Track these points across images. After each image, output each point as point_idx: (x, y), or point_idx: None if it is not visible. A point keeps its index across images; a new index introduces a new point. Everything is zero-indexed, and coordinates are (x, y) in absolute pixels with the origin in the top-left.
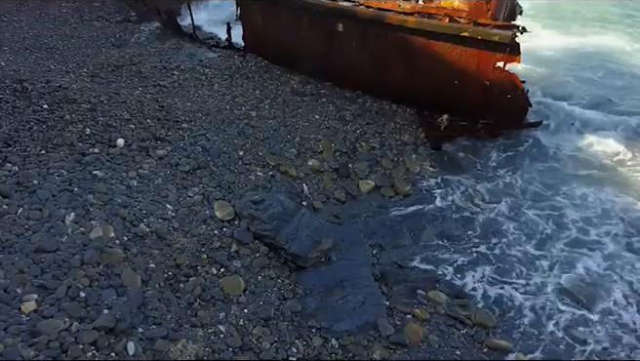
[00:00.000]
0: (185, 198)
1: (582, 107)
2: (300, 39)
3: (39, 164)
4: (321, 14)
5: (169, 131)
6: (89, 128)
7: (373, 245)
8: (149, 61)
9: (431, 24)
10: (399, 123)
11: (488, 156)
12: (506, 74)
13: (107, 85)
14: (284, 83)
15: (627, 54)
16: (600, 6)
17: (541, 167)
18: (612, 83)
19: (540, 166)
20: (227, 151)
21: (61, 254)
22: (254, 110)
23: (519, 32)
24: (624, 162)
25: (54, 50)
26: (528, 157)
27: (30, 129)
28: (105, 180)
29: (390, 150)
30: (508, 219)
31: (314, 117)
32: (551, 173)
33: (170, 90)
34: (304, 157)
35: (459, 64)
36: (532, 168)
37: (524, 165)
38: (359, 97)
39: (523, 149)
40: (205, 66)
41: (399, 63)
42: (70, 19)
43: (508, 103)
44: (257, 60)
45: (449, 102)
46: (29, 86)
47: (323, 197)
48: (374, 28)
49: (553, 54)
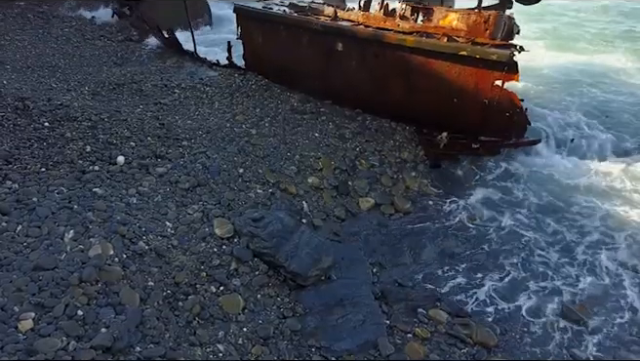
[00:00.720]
0: (185, 216)
1: (582, 125)
2: (299, 58)
3: (39, 181)
4: (320, 33)
5: (169, 148)
6: (89, 145)
7: (373, 263)
8: (150, 80)
9: (430, 43)
10: (398, 141)
11: (487, 173)
12: (505, 92)
13: (108, 103)
14: (284, 101)
15: (628, 73)
16: (601, 25)
17: (541, 184)
18: (611, 101)
19: (539, 183)
20: (227, 169)
21: (60, 271)
22: (254, 128)
23: (517, 51)
24: (623, 180)
25: (56, 68)
26: (527, 174)
27: (31, 146)
28: (105, 198)
29: (390, 168)
30: (508, 236)
31: (314, 135)
32: (551, 190)
33: (170, 108)
34: (304, 174)
35: (457, 83)
36: (531, 185)
37: (523, 182)
38: (358, 115)
39: (522, 167)
40: (205, 85)
41: (398, 82)
42: (73, 38)
43: (507, 121)
44: (257, 79)
45: (448, 120)
46: (31, 104)
47: (323, 215)
48: (373, 47)
49: (553, 72)
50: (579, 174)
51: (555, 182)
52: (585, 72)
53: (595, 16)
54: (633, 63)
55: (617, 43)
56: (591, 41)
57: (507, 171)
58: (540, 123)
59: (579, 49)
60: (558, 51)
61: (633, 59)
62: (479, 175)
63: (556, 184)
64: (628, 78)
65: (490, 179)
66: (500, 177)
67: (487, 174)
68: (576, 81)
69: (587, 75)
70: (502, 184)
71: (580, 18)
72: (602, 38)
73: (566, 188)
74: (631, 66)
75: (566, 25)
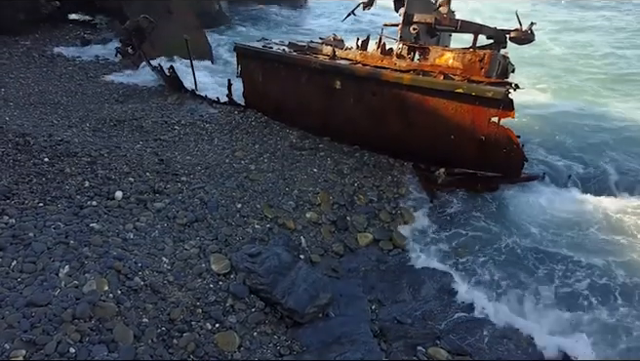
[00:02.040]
0: (182, 251)
1: (580, 162)
2: (298, 95)
3: (36, 216)
4: (319, 71)
5: (167, 184)
6: (88, 181)
7: (372, 300)
8: (151, 116)
9: (427, 81)
10: (396, 176)
11: (485, 209)
12: (501, 129)
13: (109, 139)
14: (283, 138)
15: (625, 114)
16: (599, 69)
17: (539, 220)
18: (608, 140)
19: (537, 219)
20: (225, 204)
21: (53, 308)
22: (253, 164)
23: (512, 89)
24: (622, 217)
25: (58, 105)
26: (525, 210)
27: (30, 182)
28: (102, 233)
29: (388, 203)
30: (507, 273)
31: (312, 170)
32: (549, 226)
33: (170, 144)
34: (302, 210)
35: (454, 120)
36: (529, 221)
37: (521, 218)
38: (357, 151)
39: (520, 202)
40: (205, 121)
41: (396, 119)
42: (76, 75)
43: (505, 157)
44: (256, 116)
45: (445, 156)
46: (31, 140)
47: (321, 250)
48: (370, 85)
49: (552, 113)
50: (576, 209)
51: (553, 218)
52: (584, 113)
53: (594, 60)
54: (630, 105)
55: (615, 86)
56: (590, 84)
57: (505, 207)
58: (537, 160)
59: (578, 92)
60: (558, 93)
61: (629, 100)
62: (477, 210)
63: (555, 220)
64: (625, 119)
65: (488, 214)
66: (499, 213)
67: (485, 209)
68: (574, 121)
69: (586, 116)
70: (500, 220)
71: (580, 63)
72: (600, 82)
73: (563, 224)
74: (629, 108)
75: (566, 70)
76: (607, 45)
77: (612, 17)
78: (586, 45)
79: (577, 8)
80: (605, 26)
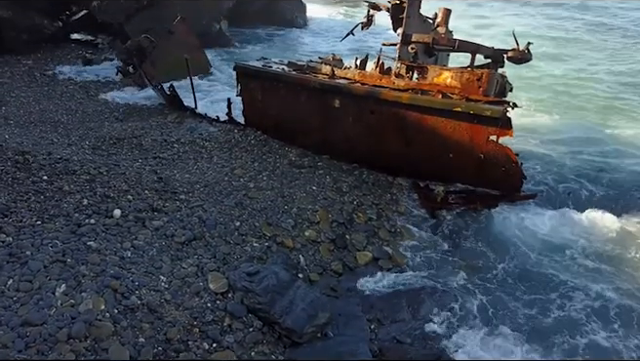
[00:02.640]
0: (180, 270)
1: (578, 181)
2: (298, 114)
3: (34, 235)
4: (318, 90)
5: (166, 202)
6: (86, 199)
7: (371, 319)
8: (150, 135)
9: (425, 100)
10: (395, 194)
11: (484, 228)
12: (500, 147)
13: (108, 157)
14: (282, 156)
15: (621, 135)
16: (596, 92)
17: (538, 238)
18: (605, 160)
19: (536, 237)
20: (224, 222)
21: (48, 327)
22: (252, 182)
23: (510, 107)
24: (619, 238)
25: (58, 123)
26: (523, 228)
27: (28, 200)
28: (99, 251)
29: (387, 221)
30: (506, 292)
31: (311, 188)
32: (547, 245)
33: (169, 162)
34: (301, 228)
35: (453, 138)
36: (528, 239)
37: (520, 236)
38: (356, 169)
39: (519, 221)
40: (205, 140)
41: (394, 137)
42: (76, 94)
43: (504, 176)
44: (256, 135)
45: (444, 174)
46: (31, 158)
47: (320, 269)
48: (369, 104)
49: (551, 133)
50: (574, 229)
51: (552, 237)
52: (583, 133)
53: (592, 82)
54: (629, 124)
55: (612, 109)
56: (588, 107)
57: (504, 225)
58: (536, 178)
59: (577, 113)
60: (557, 112)
61: (624, 122)
62: (476, 228)
63: (552, 239)
64: (621, 140)
65: (487, 233)
66: (497, 231)
67: (483, 228)
68: (573, 140)
69: (585, 136)
70: (499, 239)
71: (578, 85)
72: (597, 104)
73: (562, 243)
74: (624, 129)
75: (563, 89)
76: (602, 61)
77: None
78: (583, 61)
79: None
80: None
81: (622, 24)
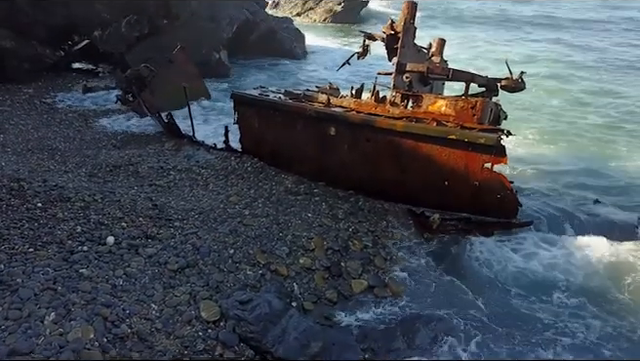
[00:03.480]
0: (172, 298)
1: (575, 209)
2: (294, 142)
3: (25, 262)
4: (314, 118)
5: (160, 229)
6: (80, 226)
7: (365, 349)
8: (147, 162)
9: (420, 127)
10: (391, 221)
11: (480, 255)
12: (495, 175)
13: (103, 184)
14: (278, 183)
15: (617, 162)
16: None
17: (532, 266)
18: (602, 186)
19: (530, 265)
20: (218, 250)
21: (36, 356)
22: (247, 209)
23: (504, 135)
24: (618, 264)
25: (55, 151)
26: (519, 256)
27: (22, 227)
28: (91, 279)
29: (383, 249)
30: (503, 322)
31: (307, 215)
32: (542, 272)
33: (165, 189)
34: (296, 255)
35: (448, 165)
36: (523, 267)
37: (515, 264)
38: (352, 196)
39: (514, 248)
40: (201, 167)
41: (390, 165)
42: (75, 122)
43: (499, 203)
44: (252, 162)
45: (440, 201)
46: (26, 185)
47: (314, 297)
48: (364, 132)
49: (547, 160)
50: (570, 257)
51: (547, 264)
52: (579, 163)
53: (591, 109)
54: (623, 155)
55: (610, 137)
56: (585, 134)
57: (499, 252)
58: (532, 206)
59: (574, 141)
60: (553, 142)
61: (623, 150)
62: (472, 256)
63: (550, 265)
64: (620, 169)
65: (482, 260)
66: (492, 259)
67: (479, 255)
68: (568, 170)
69: (580, 166)
70: (494, 267)
71: (572, 109)
72: (595, 132)
73: (557, 271)
74: (622, 158)
75: (558, 116)
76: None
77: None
78: (578, 87)
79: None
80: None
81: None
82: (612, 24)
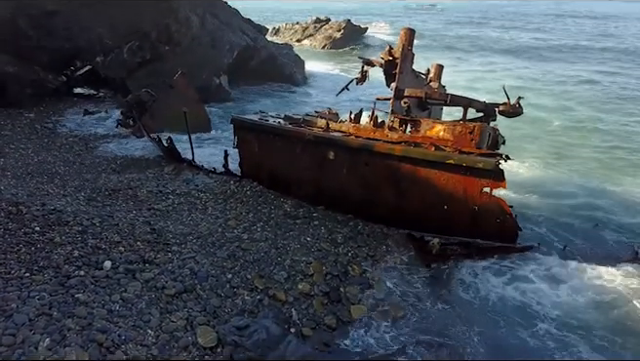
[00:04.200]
0: (168, 323)
1: (574, 233)
2: (293, 165)
3: (21, 287)
4: (313, 143)
5: (158, 253)
6: (77, 250)
7: None
8: (146, 186)
9: (418, 152)
10: (391, 246)
11: (478, 279)
12: (494, 199)
13: (102, 208)
14: (277, 207)
15: (618, 186)
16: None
17: (533, 293)
18: (605, 209)
19: (526, 294)
20: (215, 274)
21: None
22: (245, 233)
23: (503, 160)
24: (618, 290)
25: (55, 175)
26: (520, 281)
27: (18, 251)
28: (87, 304)
29: (383, 274)
30: (495, 354)
31: (306, 239)
32: (542, 299)
33: (163, 213)
34: (294, 280)
35: (447, 190)
36: (524, 293)
37: (516, 290)
38: (351, 220)
39: (514, 273)
40: (200, 191)
41: (389, 189)
42: (75, 146)
43: (498, 227)
44: (252, 186)
45: (439, 226)
46: (24, 209)
47: (312, 323)
48: (363, 156)
49: (548, 185)
50: (571, 283)
51: (548, 291)
52: (580, 185)
53: (593, 133)
54: (624, 180)
55: (611, 161)
56: (586, 158)
57: (499, 278)
58: (531, 231)
59: (575, 165)
60: (552, 166)
61: (624, 175)
62: (470, 281)
63: (550, 292)
64: (620, 194)
65: (480, 285)
66: (490, 284)
67: (477, 279)
68: (570, 193)
69: (581, 186)
70: (492, 292)
71: (577, 137)
72: (597, 156)
73: (558, 299)
74: (622, 184)
75: (558, 141)
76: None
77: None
78: (577, 112)
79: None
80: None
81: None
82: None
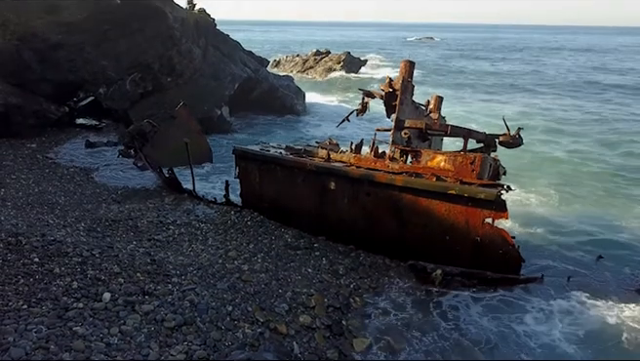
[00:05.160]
0: (167, 357)
1: (578, 265)
2: (294, 196)
3: (18, 320)
4: (314, 173)
5: (158, 285)
6: (76, 282)
7: None
8: (147, 216)
9: (419, 183)
10: (393, 277)
11: (480, 311)
12: (496, 230)
13: (102, 239)
14: (278, 237)
15: (621, 219)
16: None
17: (536, 327)
18: (606, 242)
19: (534, 325)
20: (216, 306)
21: None
22: (246, 264)
23: (504, 190)
24: (623, 323)
25: (55, 205)
26: (523, 313)
27: (17, 282)
28: (85, 338)
29: (385, 305)
30: None
31: (307, 271)
32: (545, 333)
33: (164, 244)
34: (296, 313)
35: (448, 220)
36: (527, 326)
37: (519, 323)
38: (352, 251)
39: (518, 305)
40: (201, 221)
41: (390, 219)
42: (76, 176)
43: (501, 258)
44: (252, 216)
45: (442, 257)
46: (24, 239)
47: (314, 357)
48: (364, 186)
49: (552, 217)
50: (574, 315)
51: (552, 324)
52: (583, 216)
53: (596, 164)
54: (628, 213)
55: (615, 193)
56: (590, 190)
57: (500, 310)
58: (536, 262)
59: (577, 197)
60: (556, 198)
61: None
62: (471, 312)
63: (553, 326)
64: (622, 223)
65: (481, 317)
66: (491, 317)
67: (479, 311)
68: (573, 224)
69: (585, 219)
70: (493, 324)
71: (582, 167)
72: (601, 188)
73: (561, 331)
74: (626, 217)
75: (566, 176)
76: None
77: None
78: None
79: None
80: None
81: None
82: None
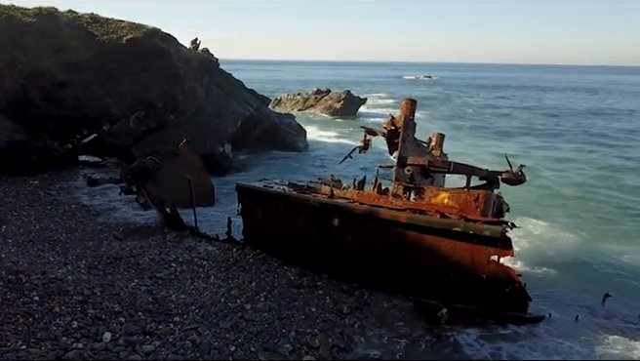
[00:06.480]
0: None
1: (587, 304)
2: (297, 232)
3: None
4: (317, 209)
5: (159, 324)
6: (77, 321)
7: None
8: (148, 254)
9: (424, 219)
10: (398, 315)
11: (486, 350)
12: (502, 267)
13: (103, 277)
14: (281, 275)
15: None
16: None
17: None
18: (613, 277)
19: None
20: (218, 346)
21: None
22: (249, 303)
23: (509, 227)
24: None
25: (56, 242)
26: (531, 351)
27: (16, 322)
28: None
29: (390, 344)
30: None
31: (311, 310)
32: None
33: (166, 282)
34: (299, 353)
35: (453, 258)
36: None
37: None
38: (356, 289)
39: (525, 344)
40: (203, 259)
41: (394, 256)
42: (78, 213)
43: (507, 297)
44: (255, 253)
45: (447, 294)
46: (24, 277)
47: None
48: (368, 223)
49: (557, 253)
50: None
51: None
52: (590, 253)
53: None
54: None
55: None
56: (597, 226)
57: (508, 349)
58: (543, 301)
59: (584, 233)
60: (563, 235)
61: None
62: (480, 350)
63: None
64: (630, 259)
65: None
66: (499, 355)
67: (486, 350)
68: (580, 261)
69: (592, 255)
70: None
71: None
72: (604, 221)
73: None
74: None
75: (562, 205)
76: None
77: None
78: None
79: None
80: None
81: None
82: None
